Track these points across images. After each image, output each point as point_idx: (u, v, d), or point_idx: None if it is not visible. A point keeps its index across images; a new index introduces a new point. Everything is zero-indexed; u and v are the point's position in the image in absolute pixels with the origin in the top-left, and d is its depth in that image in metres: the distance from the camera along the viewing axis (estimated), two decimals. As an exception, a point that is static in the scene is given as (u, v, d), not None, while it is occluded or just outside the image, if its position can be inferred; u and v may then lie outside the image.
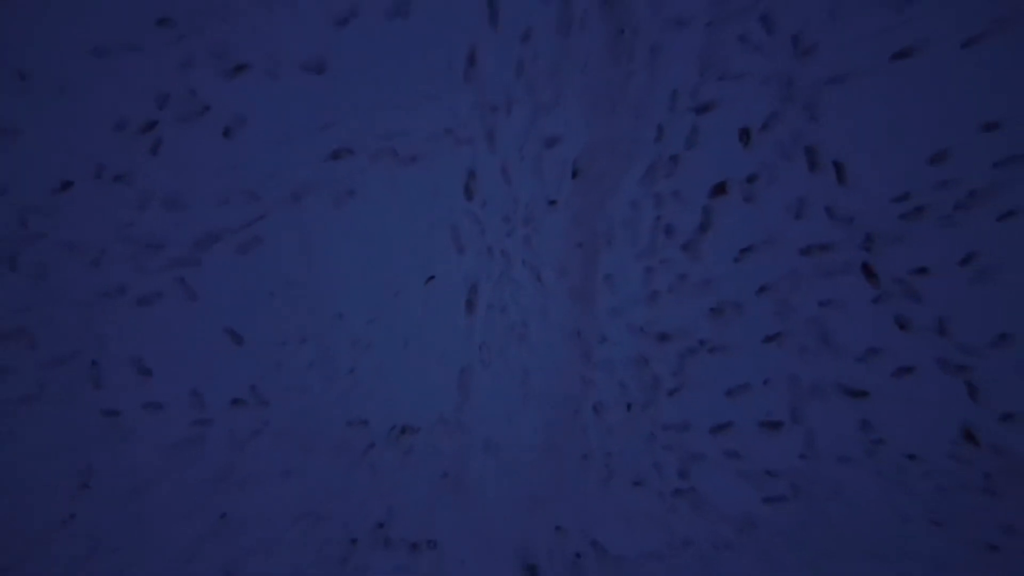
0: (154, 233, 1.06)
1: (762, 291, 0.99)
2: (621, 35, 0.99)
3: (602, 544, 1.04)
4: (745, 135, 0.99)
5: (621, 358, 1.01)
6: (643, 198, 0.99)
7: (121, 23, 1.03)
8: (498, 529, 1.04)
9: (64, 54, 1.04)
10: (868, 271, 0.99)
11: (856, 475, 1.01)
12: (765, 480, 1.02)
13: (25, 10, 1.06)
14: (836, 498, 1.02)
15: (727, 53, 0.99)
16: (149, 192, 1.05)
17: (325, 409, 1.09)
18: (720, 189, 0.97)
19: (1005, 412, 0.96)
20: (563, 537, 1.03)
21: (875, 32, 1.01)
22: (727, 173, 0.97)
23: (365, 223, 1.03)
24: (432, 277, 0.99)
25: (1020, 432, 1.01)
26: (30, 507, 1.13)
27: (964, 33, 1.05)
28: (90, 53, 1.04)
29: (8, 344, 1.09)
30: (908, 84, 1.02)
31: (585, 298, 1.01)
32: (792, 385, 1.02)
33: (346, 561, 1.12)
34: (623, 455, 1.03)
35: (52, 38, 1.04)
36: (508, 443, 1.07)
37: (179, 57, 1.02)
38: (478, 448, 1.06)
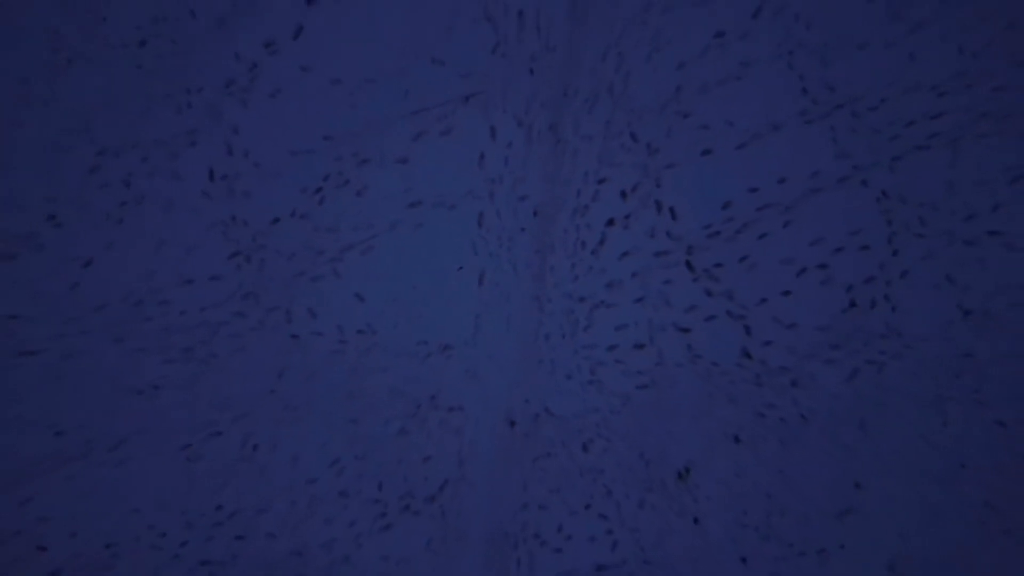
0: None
1: (633, 275, 1.77)
2: (558, 144, 1.77)
3: (550, 409, 1.83)
4: (623, 194, 1.77)
5: (559, 311, 1.79)
6: (569, 227, 1.77)
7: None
8: (492, 398, 1.83)
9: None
10: (689, 265, 1.77)
11: (684, 374, 1.79)
12: (637, 376, 1.80)
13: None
14: (674, 387, 1.80)
15: (614, 152, 1.76)
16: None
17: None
18: (611, 222, 1.76)
19: (766, 341, 1.75)
20: (529, 405, 1.83)
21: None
22: (615, 215, 1.75)
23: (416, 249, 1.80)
24: (461, 267, 1.79)
25: (779, 351, 1.78)
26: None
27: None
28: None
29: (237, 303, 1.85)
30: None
31: (539, 279, 1.79)
32: (649, 326, 1.80)
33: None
34: (559, 361, 1.81)
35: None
36: (499, 355, 1.84)
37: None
38: (483, 358, 1.84)
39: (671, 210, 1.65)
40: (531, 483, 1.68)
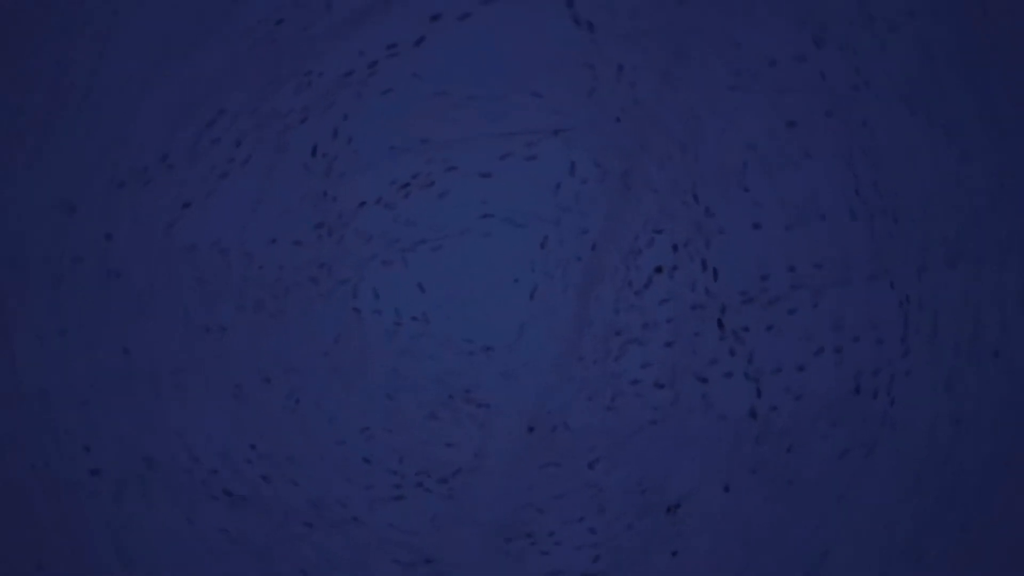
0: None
1: (668, 321, 1.92)
2: (627, 190, 1.96)
3: (568, 424, 2.00)
4: (675, 247, 1.94)
5: (596, 337, 1.91)
6: (620, 266, 1.92)
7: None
8: (518, 402, 1.99)
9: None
10: (720, 323, 1.93)
11: (694, 419, 1.95)
12: (652, 412, 1.93)
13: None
14: (683, 429, 1.97)
15: (674, 208, 1.94)
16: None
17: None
18: (659, 270, 1.92)
19: (773, 406, 1.91)
20: (550, 416, 1.99)
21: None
22: (664, 263, 1.91)
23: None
24: (517, 280, 1.95)
25: (783, 417, 1.95)
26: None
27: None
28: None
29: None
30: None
31: (584, 306, 1.90)
32: (673, 369, 1.96)
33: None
34: (586, 382, 1.93)
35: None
36: (534, 364, 2.00)
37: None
38: (519, 364, 2.01)
39: (714, 270, 1.81)
40: (536, 486, 1.84)
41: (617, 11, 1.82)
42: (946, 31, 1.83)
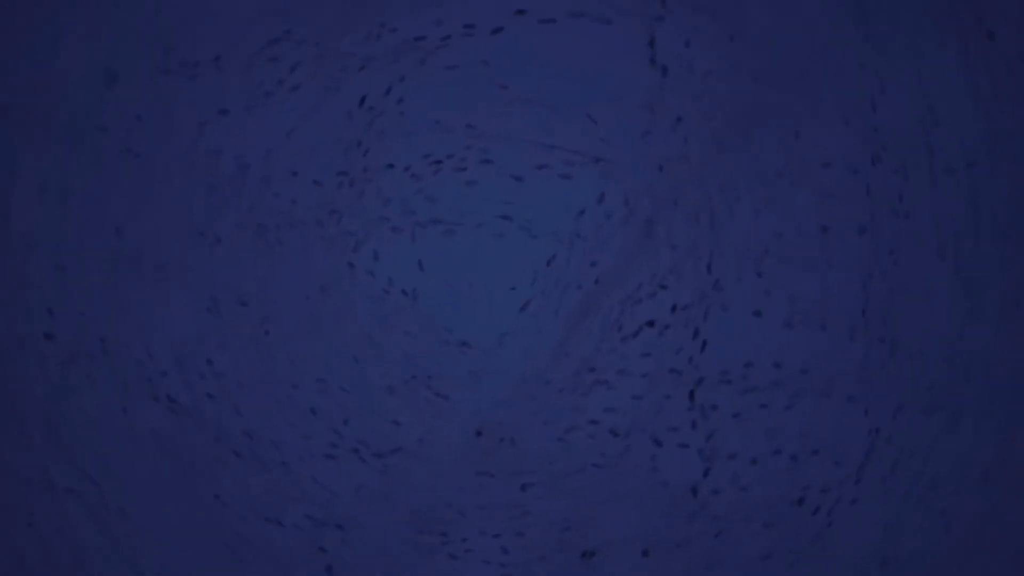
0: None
1: (643, 376, 1.93)
2: (646, 238, 1.96)
3: (516, 441, 2.00)
4: (674, 307, 1.95)
5: (570, 367, 1.92)
6: (616, 308, 1.92)
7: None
8: (476, 403, 2.00)
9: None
10: (691, 394, 1.94)
11: (637, 477, 1.96)
12: (599, 456, 1.93)
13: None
14: (623, 482, 1.97)
15: (686, 269, 1.95)
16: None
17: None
18: (651, 324, 1.92)
19: (716, 490, 1.91)
20: (500, 427, 2.00)
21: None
22: (657, 319, 1.92)
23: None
24: (514, 288, 1.95)
25: (722, 503, 1.95)
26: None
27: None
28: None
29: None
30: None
31: (569, 334, 1.91)
32: (632, 423, 1.97)
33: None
34: (546, 407, 1.96)
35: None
36: (503, 373, 2.01)
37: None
38: (490, 369, 2.02)
39: (704, 342, 1.81)
40: (466, 491, 1.84)
41: (694, 66, 1.82)
42: (997, 190, 1.83)
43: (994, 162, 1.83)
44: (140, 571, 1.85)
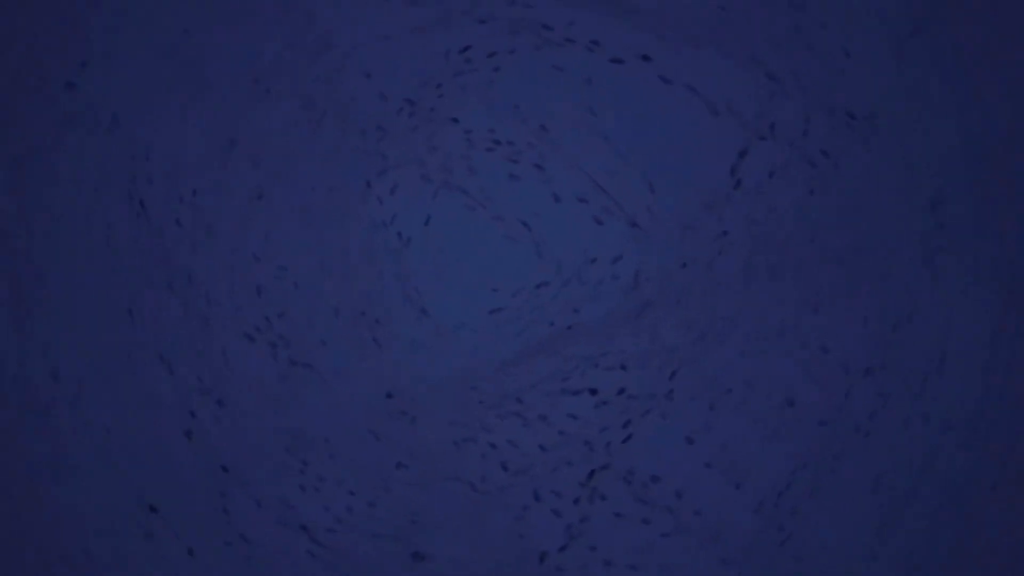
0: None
1: (560, 433, 1.93)
2: (634, 318, 1.96)
3: (417, 420, 2.00)
4: (625, 392, 1.95)
5: (497, 386, 1.90)
6: (572, 362, 1.93)
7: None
8: (397, 366, 2.00)
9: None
10: (592, 473, 1.94)
11: (501, 514, 1.96)
12: (479, 480, 1.95)
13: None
14: (484, 516, 1.97)
15: (656, 375, 1.95)
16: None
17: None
18: (594, 392, 1.93)
19: (594, 545, 1.91)
20: (405, 400, 2.00)
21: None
22: (605, 397, 1.92)
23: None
24: (496, 289, 1.95)
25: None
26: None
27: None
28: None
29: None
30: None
31: (522, 357, 1.86)
32: (520, 461, 1.97)
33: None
34: (454, 406, 1.92)
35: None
36: (438, 354, 2.02)
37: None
38: (430, 343, 2.02)
39: (629, 435, 1.81)
40: (347, 434, 1.83)
41: (766, 197, 1.82)
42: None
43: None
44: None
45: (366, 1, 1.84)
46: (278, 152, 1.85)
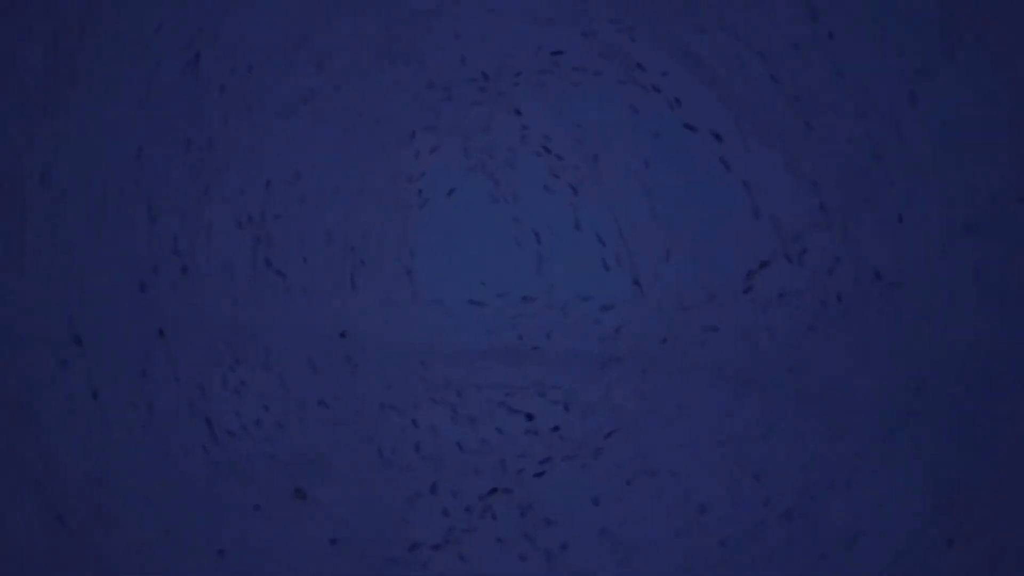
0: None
1: (481, 442, 1.93)
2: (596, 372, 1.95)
3: (355, 370, 1.98)
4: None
5: (443, 373, 1.92)
6: (522, 396, 1.91)
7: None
8: (359, 323, 1.99)
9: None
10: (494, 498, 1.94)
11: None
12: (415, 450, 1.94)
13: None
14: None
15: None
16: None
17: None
18: (530, 417, 1.92)
19: None
20: (345, 340, 1.98)
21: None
22: (537, 415, 1.91)
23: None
24: (483, 283, 1.95)
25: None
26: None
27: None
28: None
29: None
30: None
31: (485, 357, 1.88)
32: (434, 446, 1.95)
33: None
34: (392, 382, 1.95)
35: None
36: (388, 326, 2.00)
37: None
38: (389, 308, 1.99)
39: (541, 473, 1.81)
40: (291, 366, 1.83)
41: (754, 318, 1.82)
42: None
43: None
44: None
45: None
46: (343, 67, 1.85)
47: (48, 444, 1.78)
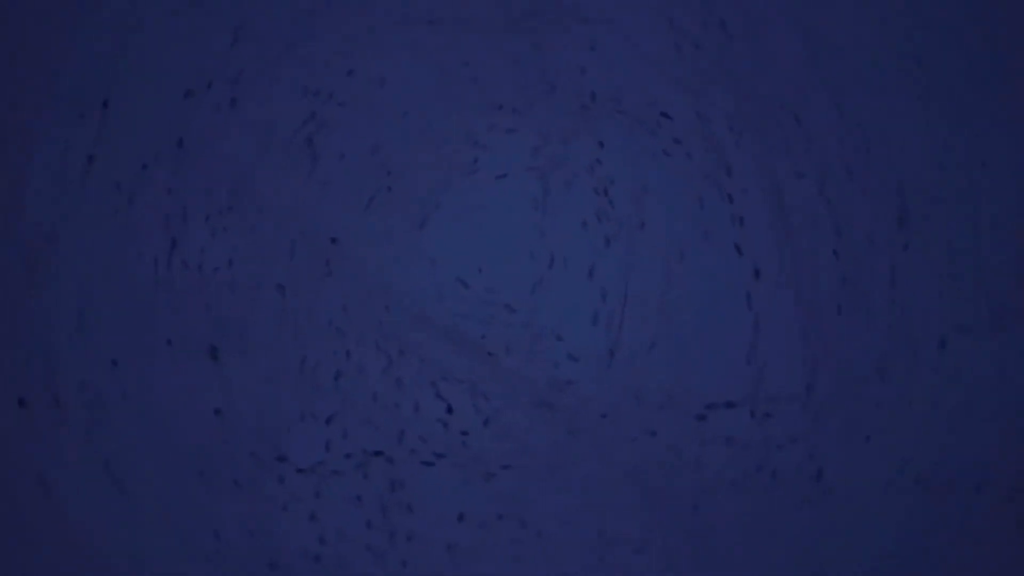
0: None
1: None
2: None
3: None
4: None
5: (418, 352, 1.94)
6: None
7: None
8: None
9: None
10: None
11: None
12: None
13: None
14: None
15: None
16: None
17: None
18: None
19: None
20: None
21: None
22: (456, 406, 1.90)
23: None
24: (480, 270, 1.95)
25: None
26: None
27: None
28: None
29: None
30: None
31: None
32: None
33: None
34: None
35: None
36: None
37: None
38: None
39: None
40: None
41: (727, 421, 1.80)
42: None
43: None
44: None
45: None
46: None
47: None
